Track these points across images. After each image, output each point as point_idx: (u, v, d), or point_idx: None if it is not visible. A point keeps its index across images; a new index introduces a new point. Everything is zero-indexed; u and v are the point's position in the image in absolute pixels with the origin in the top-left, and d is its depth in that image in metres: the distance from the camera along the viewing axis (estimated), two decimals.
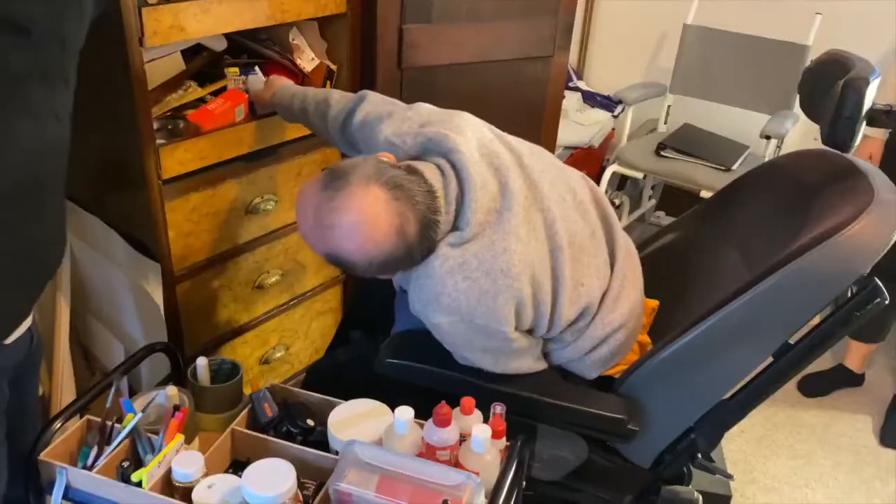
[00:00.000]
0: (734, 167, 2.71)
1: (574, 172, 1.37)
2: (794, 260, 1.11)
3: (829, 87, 1.19)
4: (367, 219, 1.07)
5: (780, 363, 1.20)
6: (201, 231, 1.65)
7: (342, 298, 2.11)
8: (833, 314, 1.17)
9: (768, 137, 2.58)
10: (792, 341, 1.20)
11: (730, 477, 1.38)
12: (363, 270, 1.13)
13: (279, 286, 1.91)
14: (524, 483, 1.14)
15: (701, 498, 1.35)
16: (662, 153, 2.80)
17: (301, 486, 1.07)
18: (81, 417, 1.13)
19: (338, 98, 1.45)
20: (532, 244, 1.19)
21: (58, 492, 0.98)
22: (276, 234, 1.82)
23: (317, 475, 1.09)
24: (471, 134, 1.25)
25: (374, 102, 1.39)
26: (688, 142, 2.86)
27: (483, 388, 1.24)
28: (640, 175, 2.82)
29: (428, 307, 1.16)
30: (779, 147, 2.75)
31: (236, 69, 1.62)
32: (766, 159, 2.70)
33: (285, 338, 2.02)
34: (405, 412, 1.05)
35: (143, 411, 1.06)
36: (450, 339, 1.20)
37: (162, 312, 1.64)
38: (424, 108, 1.34)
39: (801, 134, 2.85)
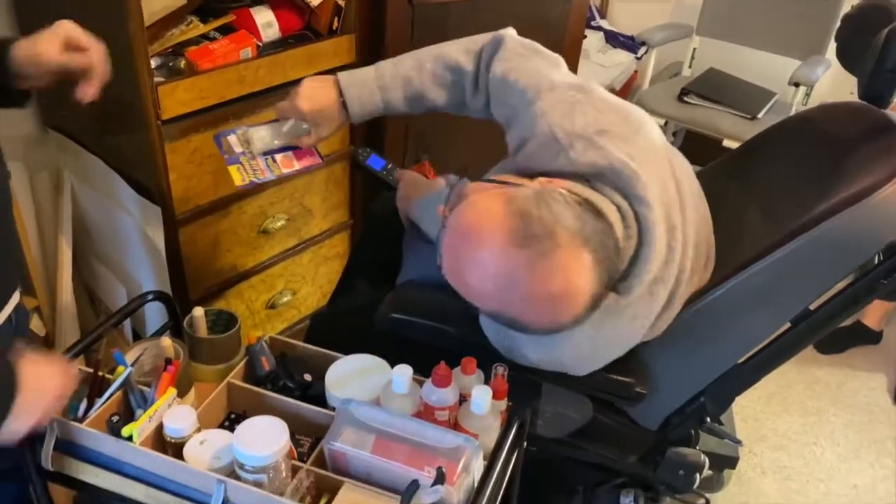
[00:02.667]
0: (760, 115, 2.60)
1: (704, 209, 1.20)
2: (820, 223, 1.05)
3: (871, 36, 1.10)
4: (573, 291, 0.87)
5: (797, 329, 1.15)
6: (203, 174, 1.61)
7: (350, 244, 2.08)
8: (857, 281, 1.11)
9: (797, 84, 2.47)
10: (812, 307, 1.14)
11: (738, 442, 1.35)
12: (533, 332, 0.95)
13: (285, 231, 1.88)
14: (525, 443, 1.11)
15: (707, 460, 1.32)
16: (686, 98, 2.70)
17: (296, 442, 1.05)
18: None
19: (464, 58, 1.19)
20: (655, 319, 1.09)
21: (48, 444, 0.96)
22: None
23: (312, 431, 1.07)
24: (654, 169, 1.01)
25: (514, 51, 1.15)
26: (713, 87, 2.75)
27: (487, 347, 1.20)
28: (661, 121, 2.72)
29: (535, 345, 1.05)
30: (807, 95, 2.64)
31: None
32: (794, 107, 2.59)
33: (292, 283, 2.00)
34: (403, 370, 1.02)
35: (133, 364, 1.04)
36: (508, 343, 1.11)
37: (164, 256, 1.61)
38: (599, 98, 1.05)
39: (832, 82, 2.72)
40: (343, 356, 1.15)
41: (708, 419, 1.28)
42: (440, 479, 0.87)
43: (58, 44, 0.94)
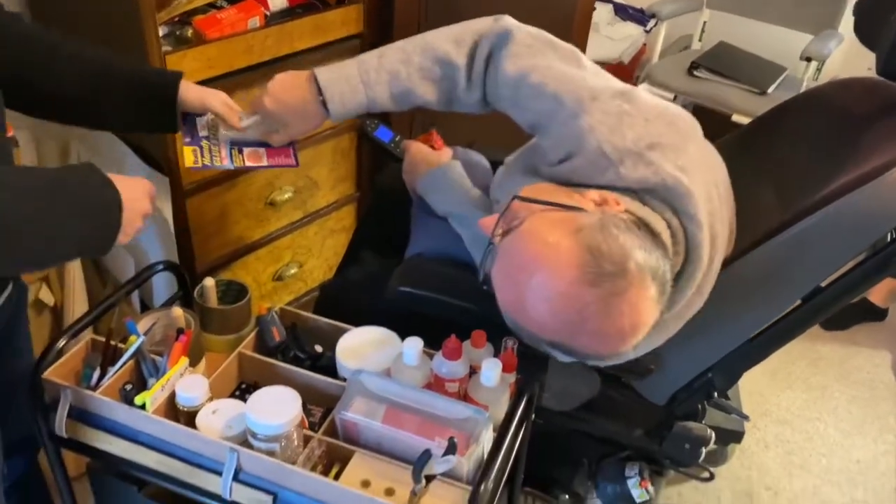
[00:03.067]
0: (770, 90, 2.58)
1: (732, 199, 1.15)
2: (832, 201, 1.04)
3: (890, 9, 1.08)
4: (640, 325, 0.86)
5: (807, 306, 1.15)
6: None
7: (356, 217, 2.08)
8: (869, 258, 1.11)
9: (809, 59, 2.45)
10: (822, 284, 1.14)
11: (745, 417, 1.35)
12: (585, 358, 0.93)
13: (292, 203, 1.88)
14: (533, 416, 1.12)
15: (713, 434, 1.33)
16: (695, 73, 2.68)
17: (307, 412, 1.06)
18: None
19: (454, 50, 1.11)
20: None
21: (62, 411, 0.97)
22: None
23: (324, 401, 1.07)
24: (702, 180, 0.98)
25: (524, 43, 1.08)
26: (723, 61, 2.72)
27: (497, 321, 1.20)
28: (670, 95, 2.70)
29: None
30: (819, 70, 2.61)
31: None
32: (805, 83, 2.57)
33: (298, 255, 2.00)
34: (414, 343, 1.02)
35: (145, 333, 1.04)
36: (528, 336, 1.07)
37: (171, 227, 1.61)
38: (645, 106, 0.99)
39: (844, 57, 2.70)
40: (353, 328, 1.15)
41: (715, 394, 1.29)
42: (451, 449, 0.87)
43: None
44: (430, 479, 0.88)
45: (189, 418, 0.97)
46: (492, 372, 1.00)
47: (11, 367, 1.09)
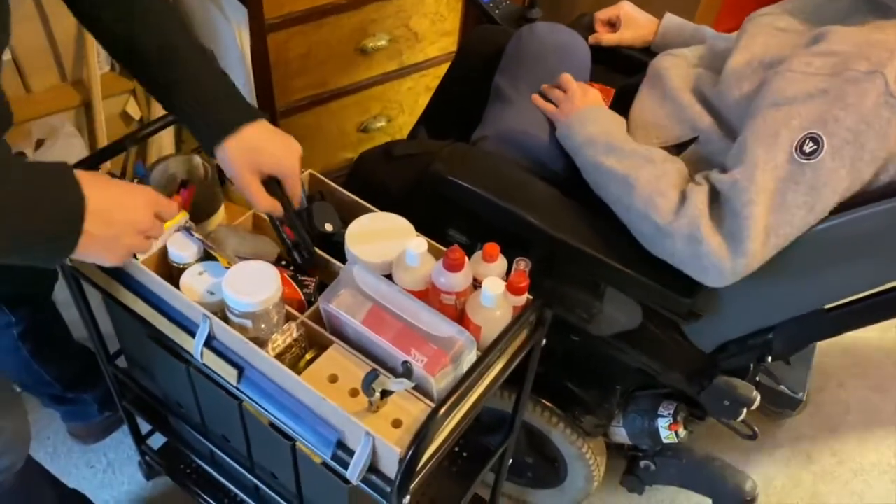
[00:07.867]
0: None
1: None
2: None
3: None
4: None
5: None
6: None
7: None
8: None
9: None
10: None
11: (797, 396, 1.19)
12: None
13: (386, 52, 1.77)
14: (544, 341, 1.02)
15: (759, 397, 1.19)
16: None
17: (301, 284, 1.02)
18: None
19: None
20: None
21: None
22: None
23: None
24: None
25: None
26: None
27: (540, 231, 1.09)
28: None
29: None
30: None
31: None
32: None
33: (388, 109, 1.92)
34: (418, 245, 0.93)
35: (147, 172, 1.01)
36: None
37: (248, 62, 1.57)
38: None
39: None
40: (375, 210, 1.07)
41: (769, 358, 1.13)
42: (407, 374, 0.81)
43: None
44: (387, 392, 0.83)
45: (180, 275, 0.96)
46: (491, 293, 0.90)
47: None
